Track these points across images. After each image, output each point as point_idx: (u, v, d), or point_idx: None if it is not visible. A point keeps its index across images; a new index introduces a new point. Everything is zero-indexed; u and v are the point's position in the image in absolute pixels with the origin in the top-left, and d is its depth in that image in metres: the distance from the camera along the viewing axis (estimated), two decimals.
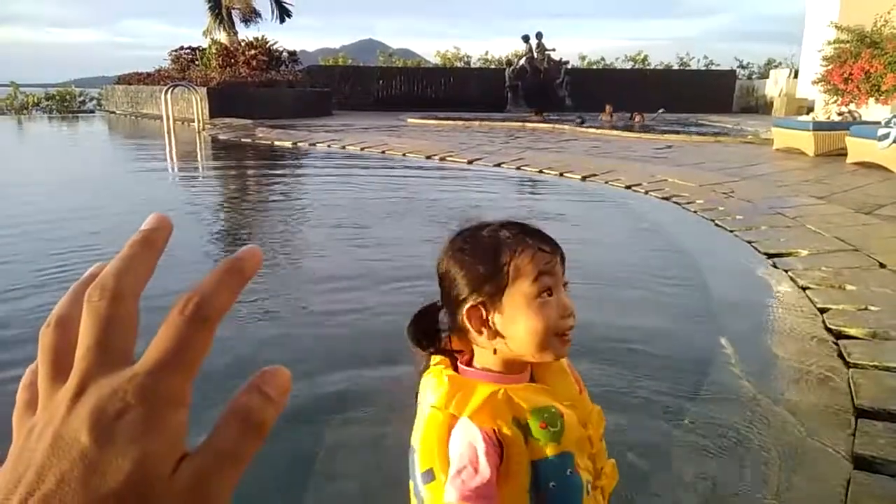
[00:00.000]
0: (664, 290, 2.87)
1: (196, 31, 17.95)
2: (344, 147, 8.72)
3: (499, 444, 0.88)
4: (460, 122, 13.59)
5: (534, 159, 7.18)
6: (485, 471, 0.86)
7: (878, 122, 6.49)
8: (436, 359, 0.98)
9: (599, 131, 11.43)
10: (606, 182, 5.69)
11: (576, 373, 1.01)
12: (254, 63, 14.73)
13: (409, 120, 14.06)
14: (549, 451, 0.89)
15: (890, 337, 2.20)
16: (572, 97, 17.78)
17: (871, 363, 2.02)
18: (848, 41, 13.65)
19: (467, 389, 0.93)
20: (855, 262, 3.04)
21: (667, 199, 4.89)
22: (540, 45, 18.14)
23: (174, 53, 15.96)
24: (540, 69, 18.10)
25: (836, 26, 13.90)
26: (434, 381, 0.96)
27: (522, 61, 18.13)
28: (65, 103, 17.81)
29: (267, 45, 15.55)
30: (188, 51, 16.07)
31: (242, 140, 9.85)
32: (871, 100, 12.98)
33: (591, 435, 0.95)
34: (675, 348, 2.28)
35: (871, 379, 1.92)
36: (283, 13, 17.11)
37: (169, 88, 10.60)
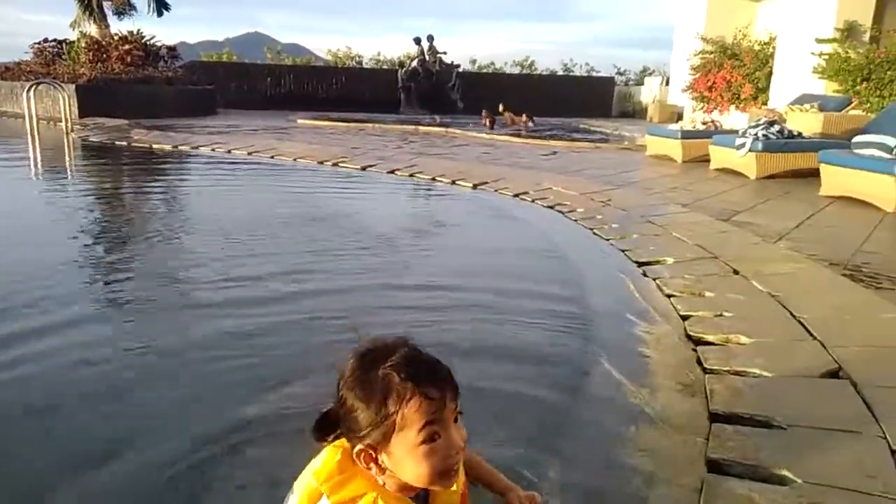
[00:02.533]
0: (543, 299, 3.02)
1: (57, 18, 16.54)
2: (230, 151, 8.39)
3: None
4: (353, 124, 13.45)
5: (427, 166, 7.27)
6: None
7: (737, 132, 7.15)
8: None
9: (490, 136, 11.73)
10: (496, 190, 5.87)
11: (462, 479, 1.10)
12: (128, 59, 13.80)
13: (300, 121, 13.74)
14: None
15: (741, 342, 2.45)
16: (464, 100, 18.14)
17: (725, 368, 2.24)
18: (712, 52, 14.90)
19: (347, 477, 1.02)
20: (713, 269, 3.35)
21: (551, 207, 5.13)
22: (431, 48, 18.37)
23: (37, 46, 14.61)
24: (432, 71, 18.34)
25: (702, 38, 15.14)
26: (328, 453, 1.05)
27: (414, 63, 18.30)
28: None
29: (143, 40, 14.62)
30: (53, 44, 14.78)
31: (116, 142, 9.21)
32: (732, 107, 14.26)
33: None
34: (547, 358, 2.40)
35: (723, 383, 2.13)
36: (161, 6, 16.15)
37: (32, 86, 9.71)
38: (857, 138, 5.73)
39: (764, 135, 6.67)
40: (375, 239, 4.12)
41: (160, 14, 16.29)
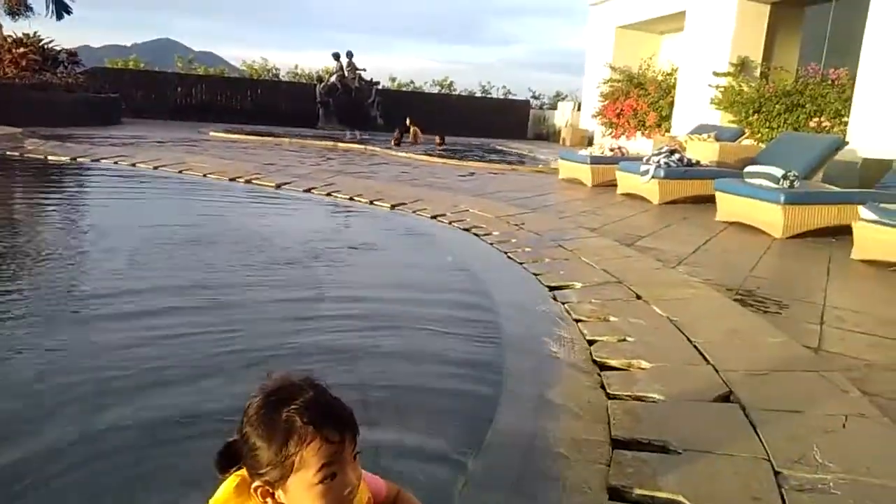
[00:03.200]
0: (456, 326, 3.05)
1: None
2: (134, 164, 7.98)
3: None
4: (269, 139, 13.15)
5: (345, 185, 7.20)
6: None
7: (641, 159, 7.55)
8: None
9: (408, 155, 11.79)
10: (414, 211, 5.89)
11: None
12: (23, 62, 12.91)
13: (212, 133, 13.31)
14: None
15: (641, 367, 2.56)
16: (384, 117, 18.18)
17: (626, 393, 2.33)
18: (620, 80, 15.70)
19: (238, 501, 1.07)
20: (618, 294, 3.50)
21: (467, 230, 5.20)
22: (350, 64, 18.31)
23: None
24: (351, 87, 18.28)
25: (610, 66, 15.93)
26: (227, 483, 1.10)
27: (333, 78, 18.17)
28: None
29: (40, 43, 13.73)
30: None
31: (8, 153, 8.56)
32: (639, 133, 15.06)
33: None
34: (455, 386, 2.42)
35: (625, 409, 2.22)
36: (61, 9, 15.21)
37: None
38: (748, 168, 6.18)
39: (665, 163, 7.07)
40: (287, 261, 4.03)
41: (59, 17, 15.34)
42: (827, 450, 1.87)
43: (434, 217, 5.67)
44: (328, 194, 6.69)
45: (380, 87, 18.89)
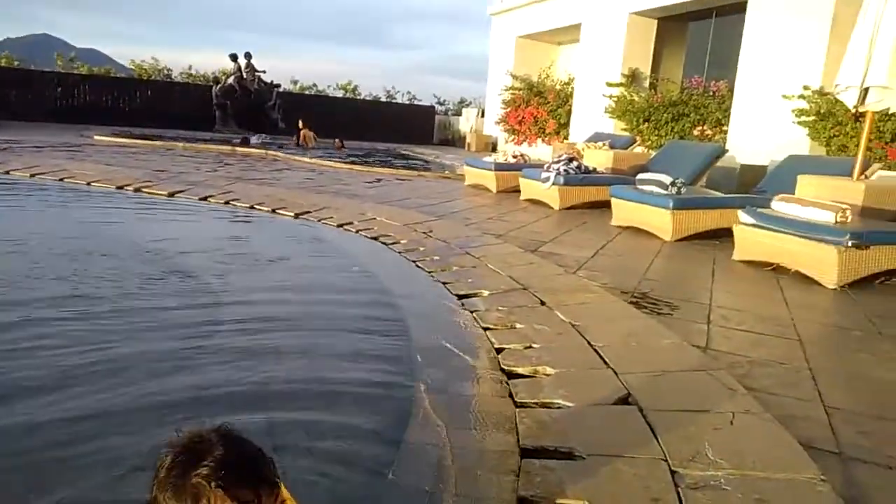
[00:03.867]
0: (364, 335, 3.01)
1: None
2: (8, 172, 7.30)
3: None
4: (160, 143, 12.46)
5: (245, 192, 6.94)
6: None
7: (542, 166, 7.78)
8: None
9: (313, 160, 11.55)
10: (319, 220, 5.77)
11: None
12: None
13: (97, 137, 12.45)
14: None
15: (546, 373, 2.63)
16: (286, 120, 17.72)
17: (533, 401, 2.38)
18: (521, 88, 16.16)
19: None
20: (523, 300, 3.58)
21: (375, 238, 5.15)
22: (249, 65, 17.76)
23: None
24: (250, 90, 17.71)
25: (512, 75, 16.36)
26: None
27: (231, 80, 17.52)
28: None
29: None
30: None
31: None
32: (539, 140, 15.56)
33: None
34: (364, 401, 2.39)
35: (532, 417, 2.26)
36: None
37: None
38: (640, 175, 6.53)
39: (565, 170, 7.33)
40: (178, 275, 3.81)
41: None
42: (717, 447, 1.99)
43: (341, 226, 5.57)
44: (227, 202, 6.42)
45: (281, 89, 18.41)
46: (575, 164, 7.46)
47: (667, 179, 6.01)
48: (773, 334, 3.23)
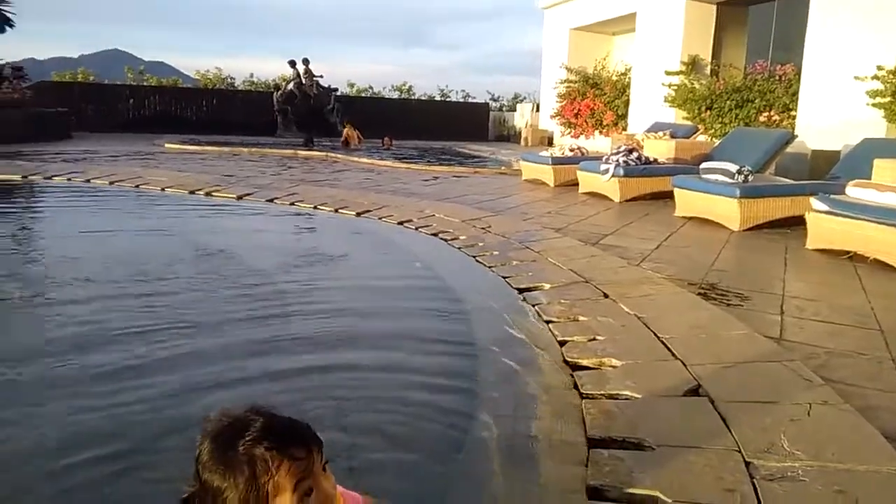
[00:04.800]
0: (429, 328, 3.06)
1: None
2: (89, 181, 7.75)
3: None
4: (226, 149, 12.93)
5: (308, 194, 7.14)
6: None
7: (601, 158, 7.68)
8: None
9: (371, 161, 11.74)
10: (380, 218, 5.87)
11: None
12: None
13: (167, 145, 13.03)
14: None
15: (612, 365, 2.61)
16: (343, 123, 18.04)
17: (599, 392, 2.37)
18: (576, 81, 15.94)
19: None
20: (585, 293, 3.55)
21: (434, 234, 5.21)
22: (307, 71, 18.17)
23: None
24: (309, 94, 18.12)
25: (567, 67, 16.16)
26: None
27: (290, 86, 17.98)
28: None
29: None
30: None
31: None
32: (597, 132, 15.31)
33: None
34: (429, 392, 2.43)
35: (599, 408, 2.25)
36: (3, 22, 14.70)
37: None
38: (704, 164, 6.35)
39: (624, 161, 7.21)
40: (255, 273, 3.97)
41: (2, 30, 14.81)
42: (794, 438, 1.93)
43: (401, 223, 5.66)
44: (291, 203, 6.62)
45: (338, 93, 18.78)
46: (635, 154, 7.32)
47: (733, 167, 5.83)
48: (851, 324, 3.10)
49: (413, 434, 2.12)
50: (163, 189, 7.29)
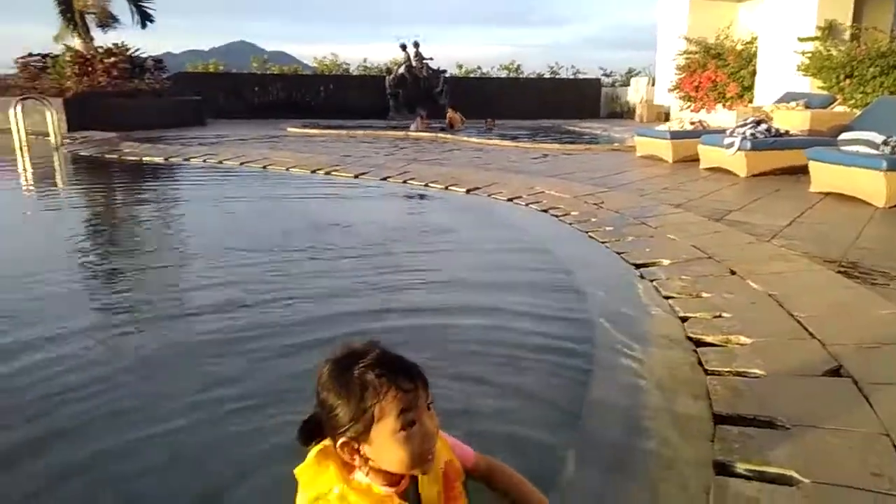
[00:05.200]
0: (543, 303, 3.04)
1: (43, 32, 16.44)
2: (221, 161, 8.38)
3: None
4: (343, 132, 13.45)
5: (419, 172, 7.29)
6: None
7: (724, 132, 7.22)
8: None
9: (480, 141, 11.77)
10: (489, 195, 5.90)
11: (456, 474, 1.24)
12: (114, 72, 13.76)
13: (290, 129, 13.75)
14: None
15: (740, 343, 2.48)
16: (452, 104, 18.17)
17: (726, 369, 2.27)
18: (696, 52, 15.05)
19: (319, 472, 1.15)
20: (709, 269, 3.38)
21: (545, 211, 5.16)
22: (418, 54, 18.42)
23: (22, 61, 14.53)
24: (419, 77, 18.38)
25: (686, 38, 15.28)
26: (310, 454, 1.18)
27: (402, 69, 18.33)
28: None
29: (128, 52, 14.58)
30: (38, 58, 14.70)
31: (107, 156, 9.18)
32: (719, 106, 14.40)
33: None
34: (551, 361, 2.42)
35: (725, 385, 2.15)
36: (145, 18, 16.08)
37: (19, 101, 9.65)
38: (843, 135, 5.81)
39: (752, 133, 6.74)
40: (373, 245, 4.13)
41: (144, 26, 16.22)
42: None
43: (510, 199, 5.65)
44: (404, 182, 6.79)
45: (447, 74, 18.91)
46: (764, 126, 6.82)
47: (878, 138, 5.29)
48: None
49: (523, 405, 2.12)
50: (287, 169, 7.73)
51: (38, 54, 14.86)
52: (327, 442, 1.15)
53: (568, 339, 2.63)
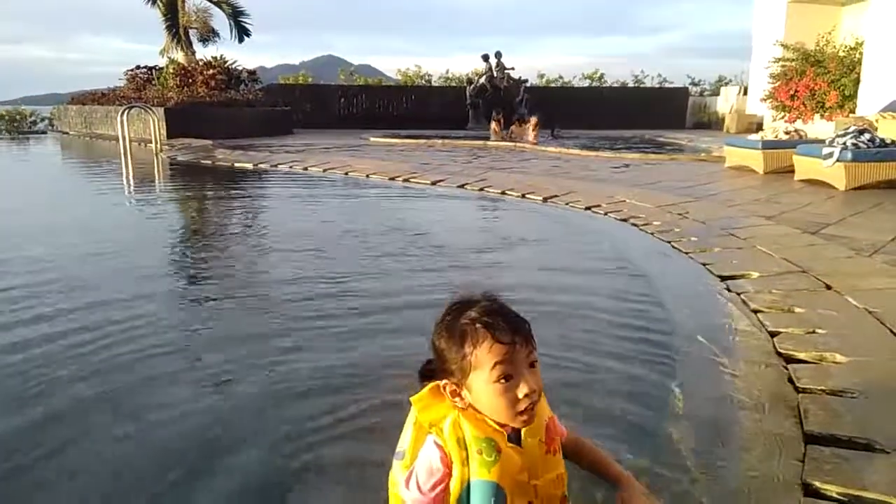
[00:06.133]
0: (624, 314, 2.95)
1: (151, 47, 17.70)
2: (306, 168, 8.69)
3: (448, 456, 1.13)
4: (422, 141, 13.66)
5: (496, 180, 7.29)
6: (430, 481, 1.14)
7: (823, 142, 6.81)
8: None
9: (559, 150, 11.64)
10: (567, 203, 5.81)
11: (556, 430, 1.27)
12: (212, 83, 14.60)
13: (372, 139, 14.10)
14: (481, 476, 1.11)
15: (836, 361, 2.31)
16: (532, 115, 18.08)
17: (819, 387, 2.12)
18: (793, 59, 14.28)
19: (434, 402, 1.20)
20: (803, 283, 3.18)
21: (625, 220, 5.02)
22: (499, 64, 18.46)
23: (130, 73, 15.70)
24: (500, 87, 18.42)
25: (782, 45, 14.54)
26: (426, 387, 1.23)
27: (483, 80, 18.42)
28: (14, 123, 17.31)
29: (226, 65, 15.43)
30: (144, 70, 15.84)
31: (202, 161, 9.74)
32: (817, 116, 13.60)
33: (537, 485, 1.17)
34: (633, 374, 2.34)
35: (818, 404, 2.01)
36: (242, 32, 17.01)
37: (125, 109, 10.41)
38: None
39: (854, 143, 6.31)
40: (448, 251, 4.15)
41: (241, 40, 17.15)
42: None
43: (588, 208, 5.54)
44: (481, 189, 6.80)
45: (528, 84, 18.85)
46: (867, 136, 6.37)
47: None
48: None
49: (612, 409, 2.06)
50: (367, 175, 7.93)
51: (145, 67, 16.00)
52: (440, 382, 1.21)
53: (650, 351, 2.54)
